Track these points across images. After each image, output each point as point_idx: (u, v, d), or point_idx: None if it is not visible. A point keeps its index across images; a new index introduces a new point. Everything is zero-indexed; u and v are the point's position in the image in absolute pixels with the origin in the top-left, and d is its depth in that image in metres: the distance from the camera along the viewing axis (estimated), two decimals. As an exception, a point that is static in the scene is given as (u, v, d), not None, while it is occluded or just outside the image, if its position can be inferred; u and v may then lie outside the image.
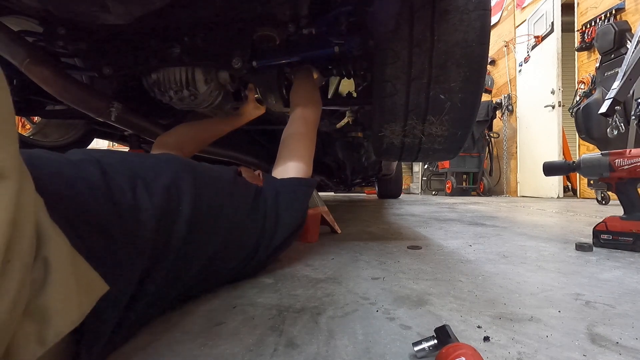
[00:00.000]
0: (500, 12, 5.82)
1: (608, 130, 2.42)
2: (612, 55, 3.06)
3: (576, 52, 4.07)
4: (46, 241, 0.24)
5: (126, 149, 1.81)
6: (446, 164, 5.52)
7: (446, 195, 5.60)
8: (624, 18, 3.38)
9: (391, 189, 4.24)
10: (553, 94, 4.25)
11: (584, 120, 3.16)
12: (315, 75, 1.17)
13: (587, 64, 3.88)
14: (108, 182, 0.41)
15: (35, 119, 1.58)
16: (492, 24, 1.86)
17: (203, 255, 0.51)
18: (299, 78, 1.09)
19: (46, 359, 0.27)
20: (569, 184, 4.44)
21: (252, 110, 1.19)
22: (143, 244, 0.40)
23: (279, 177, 0.79)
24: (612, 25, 3.11)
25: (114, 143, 1.90)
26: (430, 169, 6.61)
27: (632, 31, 3.00)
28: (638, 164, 0.92)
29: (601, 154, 1.00)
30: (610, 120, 2.36)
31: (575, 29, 4.07)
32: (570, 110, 3.55)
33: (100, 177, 0.41)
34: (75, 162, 0.42)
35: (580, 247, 0.93)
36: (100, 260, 0.30)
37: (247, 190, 0.67)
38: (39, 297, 0.23)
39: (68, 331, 0.24)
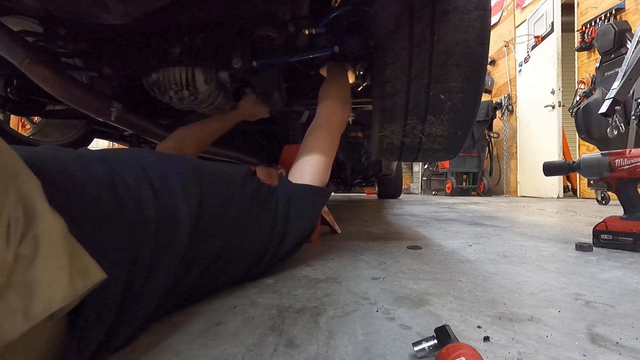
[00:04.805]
0: (500, 12, 5.82)
1: (608, 130, 2.41)
2: (612, 55, 3.06)
3: (576, 52, 4.06)
4: (38, 220, 0.24)
5: (126, 149, 1.80)
6: (446, 164, 5.52)
7: (446, 195, 5.59)
8: (624, 18, 3.38)
9: (391, 189, 4.24)
10: (553, 94, 4.25)
11: (584, 120, 3.15)
12: (349, 73, 1.11)
13: (587, 64, 3.88)
14: (113, 178, 0.42)
15: (35, 119, 1.58)
16: (492, 24, 1.86)
17: (206, 258, 0.51)
18: (333, 73, 1.02)
19: (37, 350, 0.27)
20: (569, 184, 4.44)
21: (252, 107, 1.18)
22: (144, 241, 0.40)
23: (294, 181, 0.77)
24: (612, 25, 3.11)
25: (114, 143, 1.90)
26: (430, 169, 6.61)
27: (632, 31, 2.99)
28: (638, 164, 0.92)
29: (601, 154, 1.00)
30: (610, 120, 2.35)
31: (575, 29, 4.07)
32: (570, 110, 3.55)
33: (105, 174, 0.41)
34: (82, 159, 0.42)
35: (580, 247, 0.93)
36: (99, 252, 0.30)
37: (256, 194, 0.65)
38: (27, 272, 0.22)
39: (57, 307, 0.23)
